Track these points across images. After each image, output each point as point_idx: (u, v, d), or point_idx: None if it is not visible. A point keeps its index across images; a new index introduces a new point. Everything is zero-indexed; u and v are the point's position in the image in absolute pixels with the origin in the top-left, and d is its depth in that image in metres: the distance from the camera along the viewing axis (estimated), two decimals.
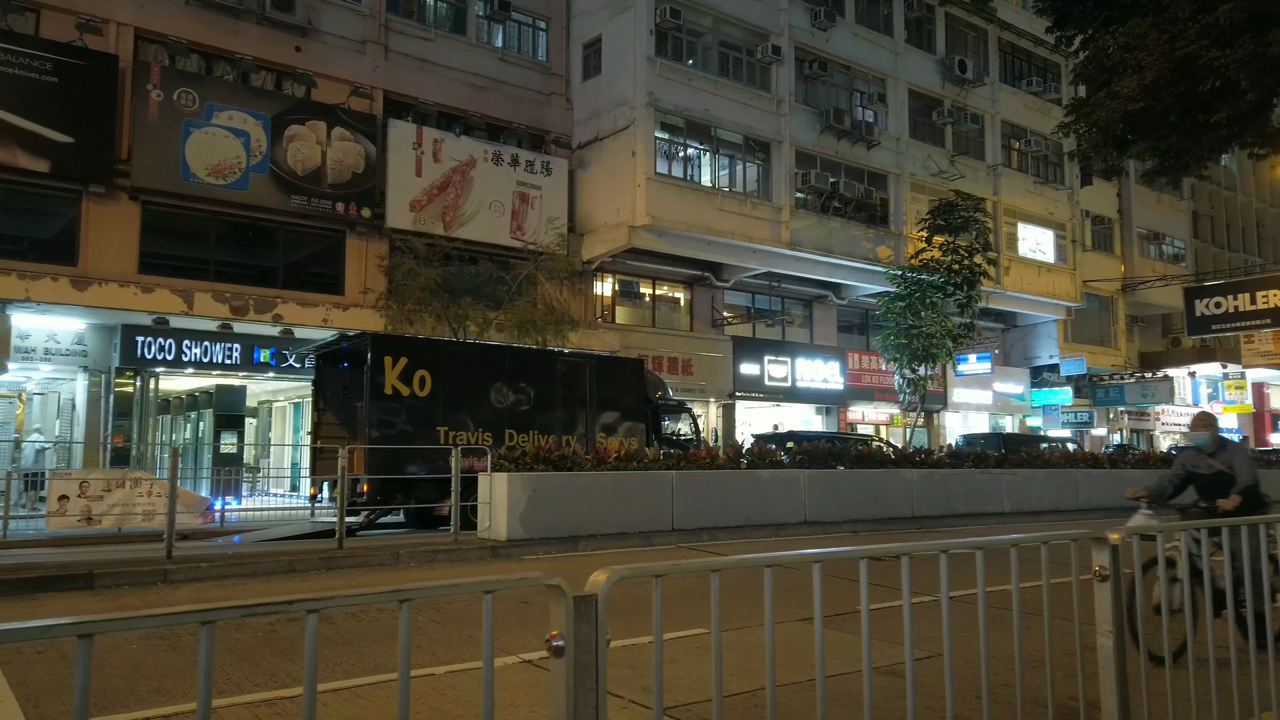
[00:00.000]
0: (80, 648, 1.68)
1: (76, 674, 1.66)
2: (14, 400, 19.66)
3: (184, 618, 1.79)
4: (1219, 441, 6.62)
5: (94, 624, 1.66)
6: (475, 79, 23.46)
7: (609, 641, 1.96)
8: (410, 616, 1.99)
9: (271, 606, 1.81)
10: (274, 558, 10.16)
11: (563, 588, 1.96)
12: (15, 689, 5.19)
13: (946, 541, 3.00)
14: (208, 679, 1.76)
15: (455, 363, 15.03)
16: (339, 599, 1.96)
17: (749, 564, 2.46)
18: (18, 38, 17.27)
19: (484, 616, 1.97)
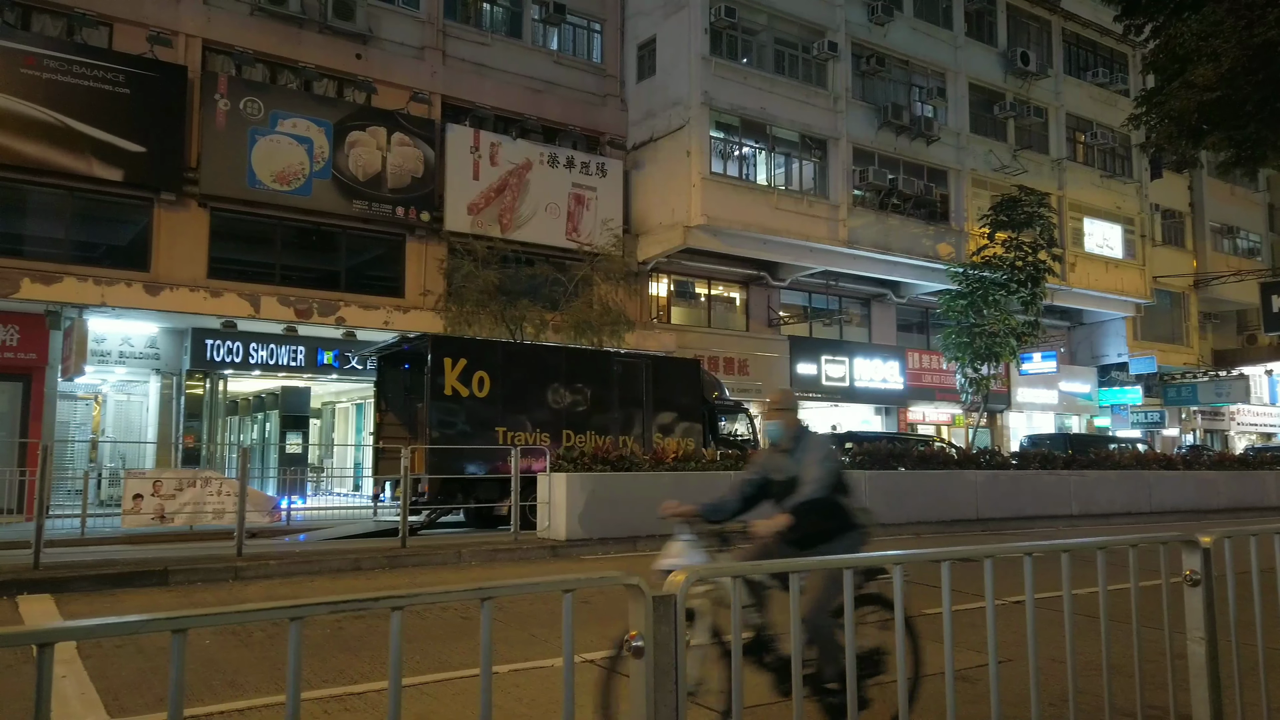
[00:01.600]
0: (174, 642, 1.71)
1: (171, 669, 1.68)
2: (90, 402, 20.34)
3: (274, 613, 1.81)
4: (796, 434, 4.52)
5: (190, 619, 1.69)
6: (531, 82, 23.63)
7: (688, 642, 1.92)
8: (474, 614, 1.98)
9: (358, 603, 1.82)
10: (340, 556, 10.35)
11: (642, 587, 1.93)
12: (95, 682, 5.35)
13: (1030, 544, 2.91)
14: (297, 674, 1.77)
15: (513, 364, 15.15)
16: (423, 596, 1.97)
17: (831, 565, 2.40)
18: (92, 51, 17.86)
19: (564, 614, 1.95)
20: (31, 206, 17.82)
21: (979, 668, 5.13)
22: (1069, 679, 2.87)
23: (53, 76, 17.15)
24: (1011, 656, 3.26)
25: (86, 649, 6.02)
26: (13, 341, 16.73)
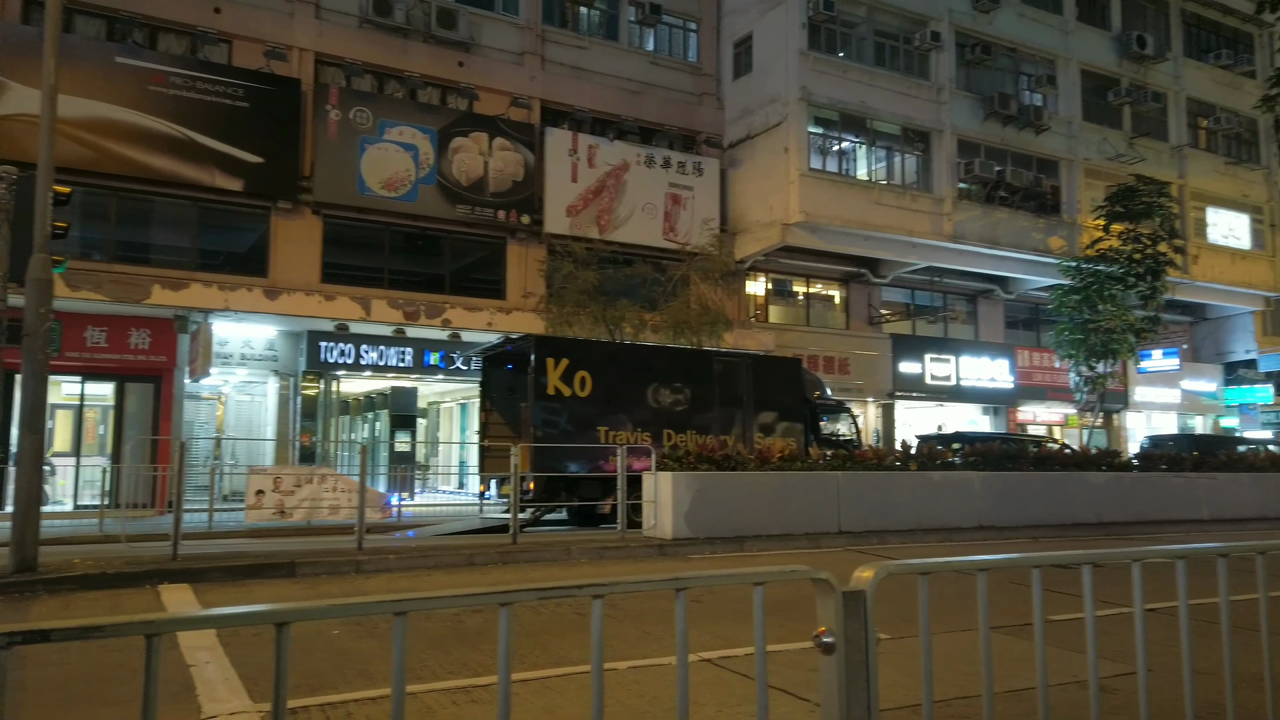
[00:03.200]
0: (397, 625, 1.73)
1: (394, 651, 1.70)
2: (214, 402, 21.34)
3: (484, 599, 1.82)
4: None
5: (410, 602, 1.71)
6: (628, 83, 23.75)
7: (879, 639, 1.85)
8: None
9: (563, 590, 1.82)
10: (454, 551, 10.56)
11: (832, 582, 1.87)
12: (237, 668, 5.55)
13: (1185, 548, 2.71)
14: (507, 661, 1.77)
15: (614, 363, 15.22)
16: (622, 585, 1.95)
17: (1018, 563, 2.30)
18: (214, 67, 18.75)
19: (755, 608, 1.91)
20: (160, 217, 18.82)
21: (1116, 677, 4.88)
22: (1227, 690, 2.67)
23: (178, 93, 18.06)
24: (1152, 666, 3.06)
25: (226, 637, 6.25)
26: (144, 345, 17.67)
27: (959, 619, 4.69)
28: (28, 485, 8.54)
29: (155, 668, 1.65)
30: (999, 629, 4.80)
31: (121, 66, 17.63)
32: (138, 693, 5.13)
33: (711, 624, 6.68)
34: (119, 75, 17.55)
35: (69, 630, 1.60)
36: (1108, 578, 2.77)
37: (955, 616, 4.82)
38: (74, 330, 16.86)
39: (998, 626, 6.14)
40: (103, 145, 17.32)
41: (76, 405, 18.21)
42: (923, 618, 2.07)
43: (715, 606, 7.34)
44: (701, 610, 7.19)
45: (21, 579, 8.24)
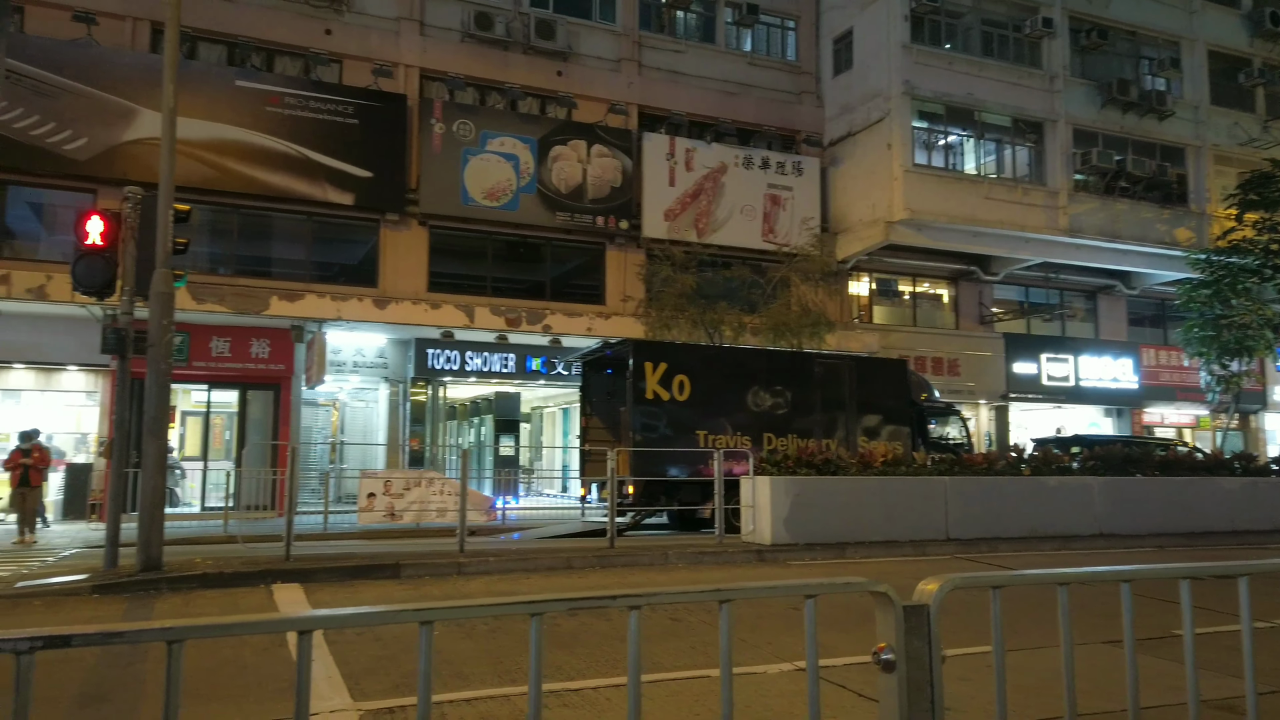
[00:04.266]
0: (533, 624, 1.76)
1: (531, 652, 1.69)
2: (329, 408, 22.24)
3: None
4: None
5: (544, 603, 1.70)
6: (725, 85, 23.62)
7: (944, 657, 1.73)
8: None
9: (596, 600, 1.77)
10: (553, 554, 10.67)
11: (890, 596, 1.76)
12: (339, 666, 5.72)
13: None
14: (636, 660, 1.73)
15: (712, 367, 15.12)
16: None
17: (1103, 577, 2.13)
18: (325, 86, 19.57)
19: (807, 620, 1.81)
20: (277, 232, 19.75)
21: (1238, 698, 4.51)
22: None
23: (293, 112, 18.92)
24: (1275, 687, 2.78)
25: (331, 635, 6.45)
26: (265, 354, 18.56)
27: (1048, 634, 4.43)
28: (152, 488, 9.06)
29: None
30: (1093, 644, 4.49)
31: (240, 89, 18.59)
32: (247, 689, 5.34)
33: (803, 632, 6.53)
34: (238, 98, 18.51)
35: (90, 636, 1.65)
36: (1210, 592, 2.55)
37: (1048, 630, 4.55)
38: (201, 341, 17.84)
39: (1091, 642, 5.79)
40: (224, 165, 18.30)
41: (204, 412, 19.27)
42: (995, 634, 1.93)
43: (816, 614, 7.17)
44: (796, 618, 7.05)
45: (147, 577, 8.74)
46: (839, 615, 6.83)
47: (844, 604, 7.33)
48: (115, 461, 9.91)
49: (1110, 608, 2.17)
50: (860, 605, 7.45)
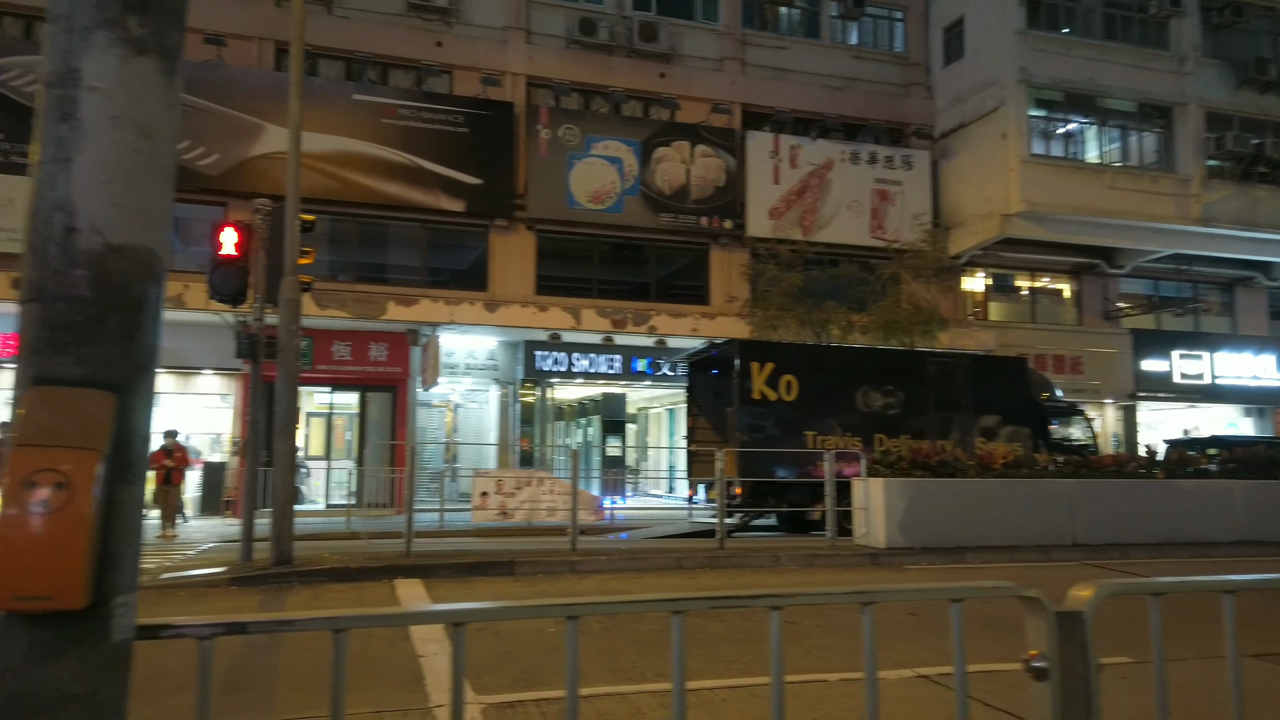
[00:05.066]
0: (675, 623, 1.78)
1: (674, 647, 1.70)
2: (443, 410, 22.89)
3: (754, 601, 1.78)
4: None
5: (686, 601, 1.73)
6: (830, 80, 23.24)
7: (1100, 666, 1.64)
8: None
9: (737, 600, 1.75)
10: (663, 554, 10.69)
11: (1042, 601, 1.68)
12: (452, 665, 5.84)
13: None
14: (779, 661, 1.72)
15: (821, 366, 14.89)
16: (801, 597, 1.87)
17: (1272, 584, 1.98)
18: (437, 97, 20.17)
19: (953, 625, 1.75)
20: (393, 239, 20.46)
21: None
22: None
23: (407, 123, 19.57)
24: None
25: (453, 630, 6.60)
26: (383, 357, 19.25)
27: (1192, 645, 4.16)
28: (283, 486, 9.51)
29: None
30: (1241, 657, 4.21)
31: (358, 103, 19.35)
32: (374, 680, 5.50)
33: (928, 638, 6.34)
34: (356, 111, 19.27)
35: (263, 623, 1.72)
36: None
37: (1191, 642, 4.28)
38: (323, 345, 18.63)
39: (1258, 655, 5.42)
40: (343, 176, 19.07)
41: (327, 413, 20.13)
42: (1155, 643, 1.82)
43: (933, 620, 6.97)
44: (918, 624, 6.86)
45: (279, 571, 9.17)
46: (948, 622, 6.60)
47: (966, 613, 7.07)
48: (248, 460, 10.44)
49: (1258, 620, 2.02)
50: (979, 613, 7.19)
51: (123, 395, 1.39)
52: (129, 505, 1.41)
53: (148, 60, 1.44)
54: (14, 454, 1.30)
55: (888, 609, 7.27)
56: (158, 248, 1.47)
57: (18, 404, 1.38)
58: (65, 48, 1.42)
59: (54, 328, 1.37)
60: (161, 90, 1.47)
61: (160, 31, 1.45)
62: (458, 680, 1.80)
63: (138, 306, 1.44)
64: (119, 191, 1.41)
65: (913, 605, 7.42)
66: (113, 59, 1.41)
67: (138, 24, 1.42)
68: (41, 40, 1.46)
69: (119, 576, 1.39)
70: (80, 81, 1.40)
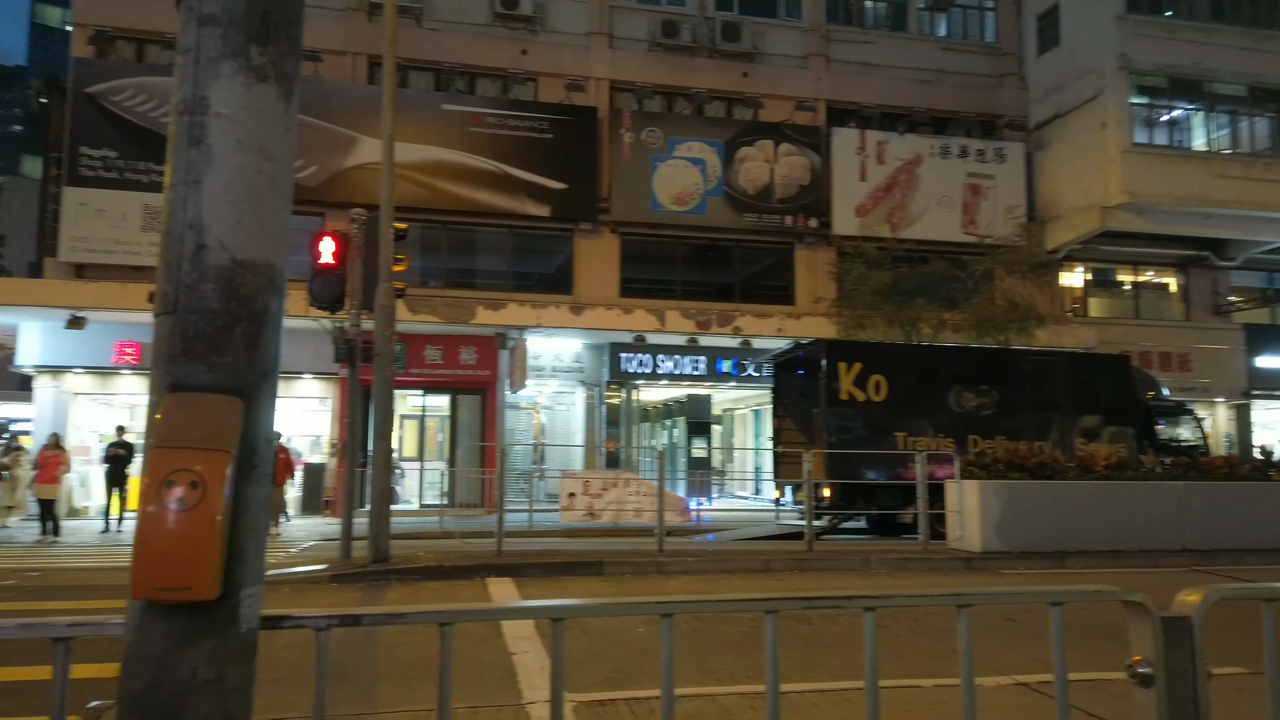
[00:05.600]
0: (769, 622, 1.86)
1: (769, 645, 1.73)
2: (530, 412, 23.26)
3: (848, 602, 1.78)
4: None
5: (778, 600, 1.74)
6: (918, 74, 22.77)
7: (1209, 674, 1.58)
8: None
9: (829, 600, 1.76)
10: (751, 556, 10.65)
11: (1147, 606, 1.63)
12: (551, 659, 5.95)
13: None
14: (874, 662, 1.73)
15: (911, 366, 14.62)
16: (896, 598, 1.85)
17: None
18: (522, 104, 20.53)
19: (1053, 630, 1.71)
20: (481, 245, 20.90)
21: None
22: None
23: (494, 131, 19.98)
24: None
25: (544, 628, 6.73)
26: (472, 361, 19.67)
27: None
28: (380, 486, 9.82)
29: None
30: None
31: (446, 112, 19.84)
32: (469, 676, 5.64)
33: (1026, 645, 6.18)
34: (445, 120, 19.76)
35: (376, 616, 1.80)
36: None
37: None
38: (416, 349, 19.14)
39: None
40: (434, 184, 19.58)
41: (419, 416, 20.67)
42: (1268, 652, 1.74)
43: (1032, 626, 6.77)
44: (1015, 630, 6.68)
45: (377, 569, 9.48)
46: (1047, 629, 6.40)
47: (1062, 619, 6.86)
48: (347, 461, 10.82)
49: None
50: (1080, 619, 6.95)
51: (249, 400, 1.49)
52: (254, 503, 1.51)
53: (268, 87, 1.54)
54: (153, 455, 1.41)
55: (984, 614, 7.11)
56: (278, 262, 1.57)
57: (154, 409, 1.50)
58: (194, 77, 1.52)
59: (186, 338, 1.48)
60: (280, 114, 1.57)
61: (280, 59, 1.55)
62: (557, 674, 1.85)
63: (261, 317, 1.54)
64: (243, 210, 1.51)
65: (1010, 610, 7.23)
66: (237, 87, 1.52)
67: (259, 53, 1.52)
68: (174, 71, 1.57)
69: (245, 570, 1.49)
70: (208, 109, 1.51)
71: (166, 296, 1.51)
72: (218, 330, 1.49)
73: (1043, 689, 5.15)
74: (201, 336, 1.49)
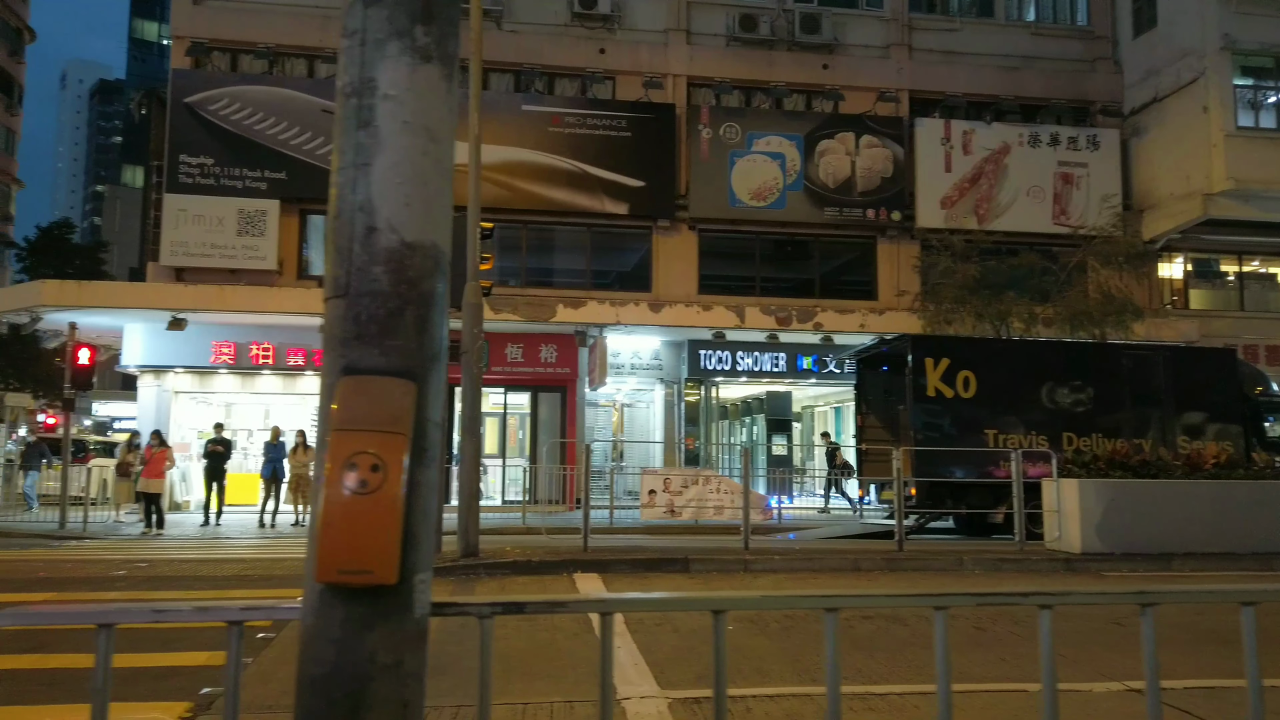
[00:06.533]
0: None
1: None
2: (610, 409, 23.36)
3: (1024, 599, 1.72)
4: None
5: (949, 597, 1.69)
6: (1005, 60, 22.10)
7: None
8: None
9: (1004, 597, 1.68)
10: (838, 555, 10.49)
11: None
12: (644, 655, 5.93)
13: None
14: (1051, 663, 1.66)
15: (1001, 361, 14.22)
16: (1075, 596, 1.76)
17: None
18: (600, 103, 20.61)
19: (1244, 632, 1.60)
20: (560, 243, 21.07)
21: None
22: None
23: (572, 130, 20.10)
24: None
25: (632, 625, 6.72)
26: (552, 359, 19.84)
27: None
28: (468, 482, 9.95)
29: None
30: None
31: (526, 113, 20.04)
32: (564, 670, 5.65)
33: (1135, 649, 5.91)
34: (524, 121, 19.96)
35: (538, 604, 1.79)
36: None
37: None
38: (497, 348, 19.36)
39: None
40: (514, 185, 19.79)
41: (501, 413, 20.93)
42: None
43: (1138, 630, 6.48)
44: (1117, 635, 6.41)
45: (467, 563, 9.61)
46: (1170, 634, 6.11)
47: (1180, 623, 6.56)
48: None
49: None
50: (1198, 624, 6.62)
51: (420, 383, 1.49)
52: (426, 487, 1.51)
53: (433, 67, 1.54)
54: (334, 438, 1.42)
55: (1088, 618, 6.83)
56: (443, 244, 1.57)
57: (329, 392, 1.51)
58: (360, 60, 1.53)
59: (359, 321, 1.49)
60: (444, 95, 1.56)
61: (442, 40, 1.55)
62: (719, 666, 1.81)
63: (429, 300, 1.54)
64: (410, 192, 1.51)
65: (1119, 614, 6.94)
66: (403, 67, 1.51)
67: (423, 33, 1.52)
68: (338, 54, 1.58)
69: (418, 555, 1.49)
70: (376, 90, 1.51)
71: (338, 280, 1.51)
72: (389, 313, 1.49)
73: (1171, 700, 4.91)
74: (374, 319, 1.49)
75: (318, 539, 1.40)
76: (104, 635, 1.59)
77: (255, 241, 18.74)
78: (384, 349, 1.48)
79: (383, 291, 1.49)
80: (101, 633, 1.60)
